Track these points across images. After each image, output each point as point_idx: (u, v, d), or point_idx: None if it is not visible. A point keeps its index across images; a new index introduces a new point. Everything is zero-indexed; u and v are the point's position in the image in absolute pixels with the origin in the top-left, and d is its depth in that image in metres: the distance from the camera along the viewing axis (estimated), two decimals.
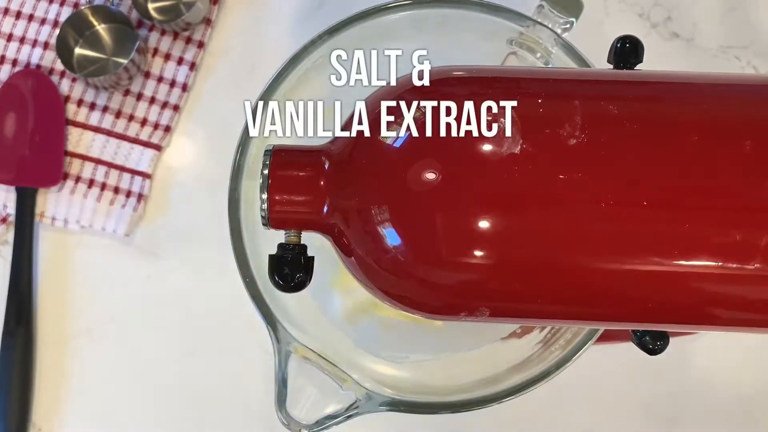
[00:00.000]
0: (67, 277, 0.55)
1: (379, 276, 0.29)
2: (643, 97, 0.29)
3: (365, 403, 0.42)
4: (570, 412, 0.54)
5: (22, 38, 0.56)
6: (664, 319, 0.29)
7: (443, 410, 0.43)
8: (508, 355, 0.46)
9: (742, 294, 0.27)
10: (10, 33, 0.56)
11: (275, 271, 0.30)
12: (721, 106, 0.28)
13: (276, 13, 0.57)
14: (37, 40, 0.56)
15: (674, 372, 0.54)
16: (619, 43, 0.31)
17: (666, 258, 0.26)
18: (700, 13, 0.57)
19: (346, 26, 0.45)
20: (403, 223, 0.27)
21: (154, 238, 0.55)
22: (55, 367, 0.54)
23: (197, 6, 0.53)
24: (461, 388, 0.44)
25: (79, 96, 0.56)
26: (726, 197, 0.26)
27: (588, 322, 0.35)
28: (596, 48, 0.39)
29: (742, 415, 0.53)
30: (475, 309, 0.29)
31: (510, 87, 0.29)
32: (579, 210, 0.26)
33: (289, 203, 0.30)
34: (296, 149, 0.31)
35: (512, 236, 0.27)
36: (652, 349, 0.31)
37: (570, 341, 0.43)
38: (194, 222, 0.55)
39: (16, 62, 0.56)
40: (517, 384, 0.43)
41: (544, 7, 0.44)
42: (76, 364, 0.54)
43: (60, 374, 0.54)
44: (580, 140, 0.27)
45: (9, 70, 0.56)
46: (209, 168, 0.56)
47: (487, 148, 0.27)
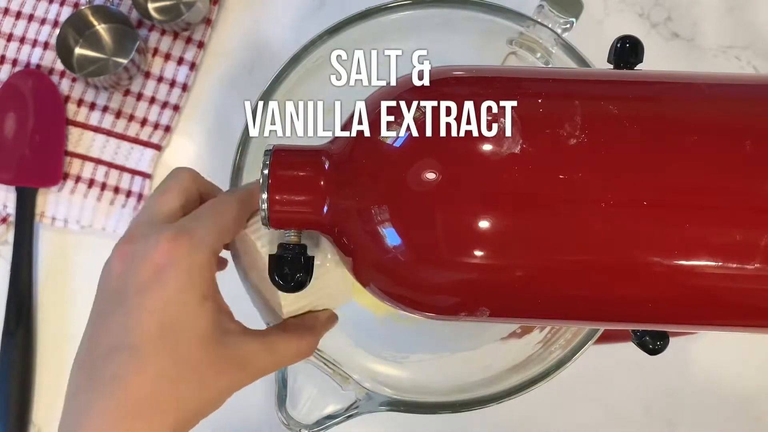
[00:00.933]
0: (67, 277, 0.55)
1: (379, 276, 0.29)
2: (643, 97, 0.29)
3: (365, 403, 0.42)
4: (570, 412, 0.54)
5: (22, 38, 0.56)
6: (664, 319, 0.29)
7: (443, 410, 0.43)
8: (508, 355, 0.46)
9: (743, 294, 0.27)
10: (10, 33, 0.56)
11: (275, 270, 0.30)
12: (721, 106, 0.28)
13: (276, 13, 0.57)
14: (37, 40, 0.56)
15: (674, 372, 0.54)
16: (619, 43, 0.31)
17: (666, 258, 0.26)
18: (700, 13, 0.57)
19: (346, 26, 0.45)
20: (402, 223, 0.27)
21: None
22: (55, 367, 0.54)
23: (197, 6, 0.53)
24: (461, 388, 0.44)
25: (79, 96, 0.56)
26: (726, 197, 0.26)
27: (588, 322, 0.35)
28: (596, 48, 0.39)
29: (742, 415, 0.53)
30: (474, 309, 0.29)
31: (510, 87, 0.29)
32: (579, 210, 0.26)
33: (289, 203, 0.30)
34: (296, 149, 0.31)
35: (512, 236, 0.26)
36: (652, 349, 0.31)
37: (570, 341, 0.43)
38: None
39: (16, 62, 0.56)
40: (517, 384, 0.43)
41: (544, 7, 0.44)
42: None
43: (60, 374, 0.54)
44: (580, 140, 0.26)
45: (9, 70, 0.56)
46: (209, 168, 0.56)
47: (487, 148, 0.27)
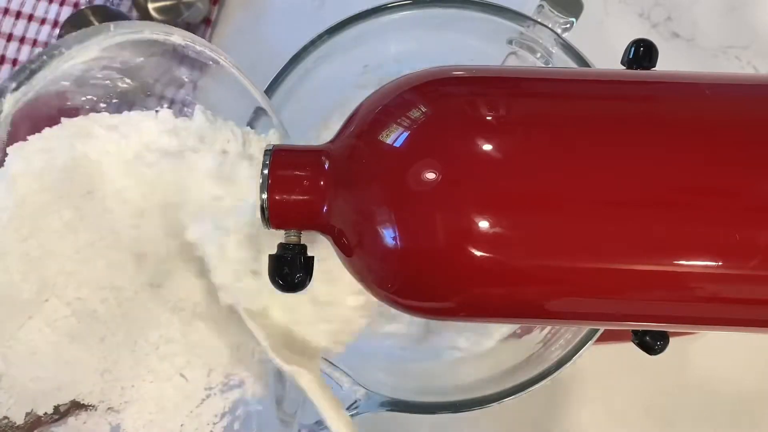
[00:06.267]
0: None
1: (379, 276, 0.29)
2: (644, 96, 0.29)
3: (365, 403, 0.42)
4: (570, 412, 0.54)
5: (22, 38, 0.56)
6: (664, 319, 0.29)
7: (443, 410, 0.43)
8: (508, 355, 0.46)
9: (743, 294, 0.27)
10: (10, 33, 0.56)
11: (275, 270, 0.30)
12: (721, 105, 0.28)
13: (276, 13, 0.57)
14: (37, 40, 0.56)
15: (674, 372, 0.54)
16: (634, 47, 0.31)
17: (666, 258, 0.26)
18: (700, 13, 0.57)
19: (346, 26, 0.45)
20: (402, 223, 0.27)
21: None
22: None
23: (197, 6, 0.53)
24: (461, 388, 0.44)
25: None
26: (726, 197, 0.26)
27: (588, 322, 0.35)
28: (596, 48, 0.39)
29: (742, 415, 0.53)
30: (474, 309, 0.29)
31: (510, 87, 0.29)
32: (579, 210, 0.26)
33: (289, 203, 0.30)
34: (296, 149, 0.31)
35: (513, 236, 0.26)
36: (652, 349, 0.31)
37: (570, 341, 0.43)
38: None
39: (16, 62, 0.56)
40: (517, 384, 0.43)
41: (544, 7, 0.44)
42: None
43: None
44: (580, 140, 0.27)
45: (9, 70, 0.56)
46: None
47: (487, 148, 0.26)
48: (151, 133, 0.33)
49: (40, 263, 0.32)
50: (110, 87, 0.35)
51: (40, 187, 0.31)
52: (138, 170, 0.33)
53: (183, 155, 0.34)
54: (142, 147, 0.33)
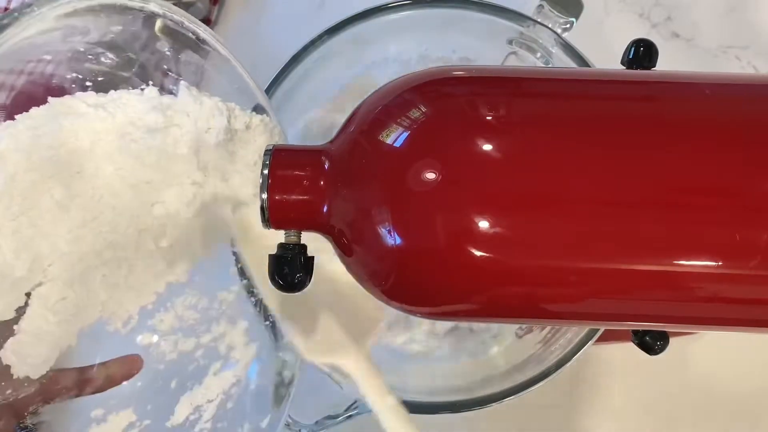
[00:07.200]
0: None
1: (379, 276, 0.29)
2: (644, 96, 0.29)
3: (365, 403, 0.42)
4: (570, 412, 0.54)
5: None
6: (664, 319, 0.29)
7: (443, 410, 0.43)
8: (508, 355, 0.46)
9: (743, 294, 0.27)
10: None
11: (275, 270, 0.30)
12: (721, 105, 0.28)
13: (276, 13, 0.57)
14: None
15: (674, 372, 0.54)
16: (633, 47, 0.31)
17: (666, 257, 0.26)
18: (700, 13, 0.57)
19: (346, 26, 0.45)
20: (402, 223, 0.27)
21: None
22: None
23: (197, 6, 0.53)
24: (461, 388, 0.44)
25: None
26: (726, 197, 0.26)
27: (588, 322, 0.35)
28: (596, 48, 0.39)
29: (742, 415, 0.53)
30: (475, 309, 0.29)
31: (510, 87, 0.29)
32: (578, 210, 0.26)
33: (289, 203, 0.30)
34: (296, 149, 0.31)
35: (513, 236, 0.26)
36: (652, 349, 0.31)
37: (570, 341, 0.43)
38: None
39: None
40: (517, 384, 0.43)
41: (544, 7, 0.44)
42: None
43: None
44: (579, 140, 0.27)
45: None
46: None
47: (487, 148, 0.27)
48: (137, 111, 0.34)
49: (32, 242, 0.32)
50: (94, 64, 0.35)
51: (29, 166, 0.31)
52: (125, 147, 0.33)
53: (169, 131, 0.34)
54: (129, 124, 0.33)
